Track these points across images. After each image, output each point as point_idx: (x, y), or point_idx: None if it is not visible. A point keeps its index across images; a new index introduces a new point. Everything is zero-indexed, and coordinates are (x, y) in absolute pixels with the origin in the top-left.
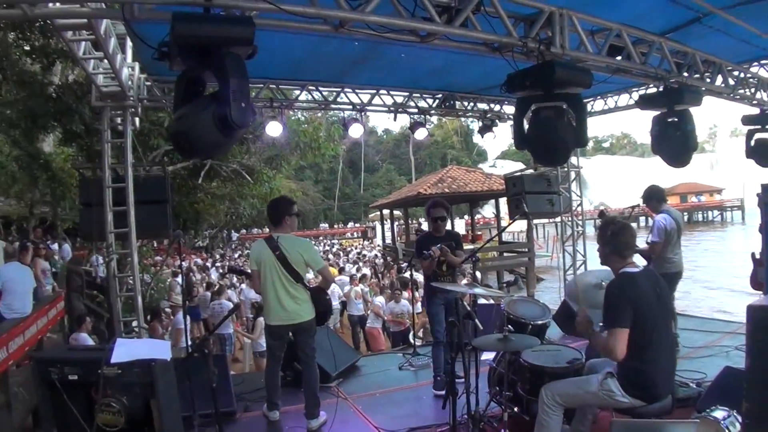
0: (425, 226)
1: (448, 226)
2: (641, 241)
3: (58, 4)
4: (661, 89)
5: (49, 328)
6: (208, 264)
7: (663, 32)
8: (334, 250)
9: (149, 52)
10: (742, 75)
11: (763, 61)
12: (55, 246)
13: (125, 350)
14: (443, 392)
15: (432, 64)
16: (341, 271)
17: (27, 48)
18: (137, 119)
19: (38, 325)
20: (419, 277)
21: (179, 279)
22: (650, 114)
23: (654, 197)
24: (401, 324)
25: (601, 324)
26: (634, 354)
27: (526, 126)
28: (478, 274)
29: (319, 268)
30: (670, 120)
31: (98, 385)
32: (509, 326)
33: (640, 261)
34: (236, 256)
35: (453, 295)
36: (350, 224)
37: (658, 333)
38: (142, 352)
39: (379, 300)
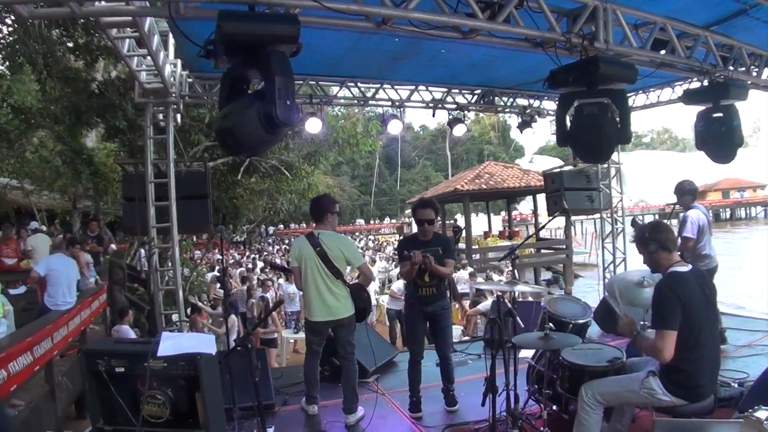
0: (461, 223)
1: (481, 223)
2: None
3: (104, 2)
4: (705, 84)
5: (92, 319)
6: (243, 260)
7: (708, 25)
8: (371, 245)
9: (192, 49)
10: None
11: None
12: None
13: (171, 344)
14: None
15: (472, 59)
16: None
17: (71, 45)
18: (179, 115)
19: (82, 317)
20: (459, 274)
21: (217, 273)
22: (692, 108)
23: (689, 193)
24: None
25: (642, 322)
26: (679, 354)
27: (568, 122)
28: (516, 272)
29: (358, 265)
30: (715, 115)
31: (144, 377)
32: (550, 324)
33: None
34: (274, 250)
35: (436, 308)
36: (386, 220)
37: (705, 333)
38: (188, 345)
39: (397, 286)
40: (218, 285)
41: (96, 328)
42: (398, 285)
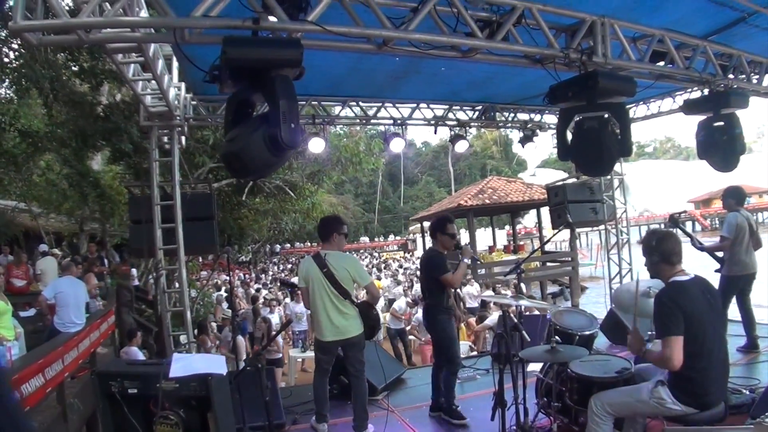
0: (463, 239)
1: (485, 238)
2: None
3: (110, 30)
4: (706, 93)
5: (101, 341)
6: (248, 280)
7: (706, 35)
8: (376, 263)
9: (195, 72)
10: None
11: None
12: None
13: (182, 365)
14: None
15: (472, 76)
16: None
17: (76, 69)
18: (183, 138)
19: (91, 339)
20: (467, 289)
21: (223, 293)
22: (695, 117)
23: (732, 196)
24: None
25: (650, 332)
26: (686, 362)
27: (569, 137)
28: (522, 285)
29: (365, 284)
30: (716, 124)
31: (157, 398)
32: (557, 337)
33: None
34: (278, 270)
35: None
36: (390, 237)
37: (710, 341)
38: (199, 366)
39: (399, 305)
40: (225, 305)
41: (105, 351)
42: (400, 304)
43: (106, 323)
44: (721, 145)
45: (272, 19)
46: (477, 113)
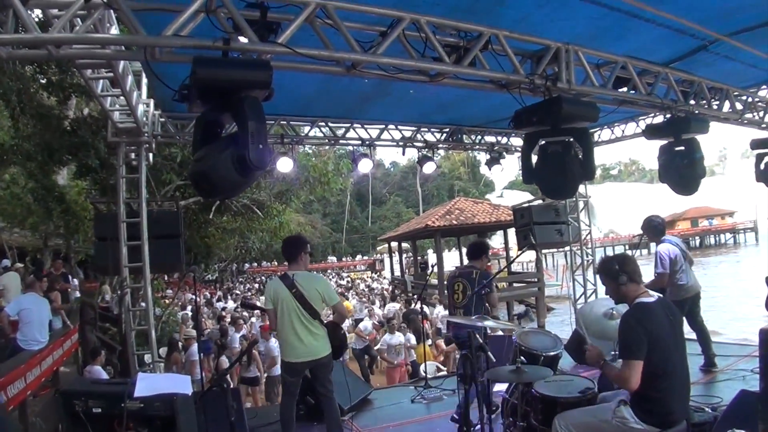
0: (431, 259)
1: (453, 258)
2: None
3: (80, 46)
4: (667, 118)
5: (64, 360)
6: (214, 299)
7: (668, 62)
8: (344, 283)
9: (164, 89)
10: (749, 99)
11: None
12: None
13: (147, 384)
14: None
15: (440, 99)
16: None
17: (44, 81)
18: (151, 155)
19: (54, 357)
20: (436, 310)
21: (189, 312)
22: (653, 140)
23: (651, 229)
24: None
25: (613, 353)
26: (648, 383)
27: (534, 161)
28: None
29: (334, 303)
30: (677, 149)
31: (121, 418)
32: (522, 358)
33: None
34: (244, 288)
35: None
36: (358, 257)
37: (673, 361)
38: (164, 386)
39: (364, 325)
40: (191, 324)
41: (68, 369)
42: (366, 324)
43: (69, 341)
44: (681, 169)
45: (243, 40)
46: (445, 135)
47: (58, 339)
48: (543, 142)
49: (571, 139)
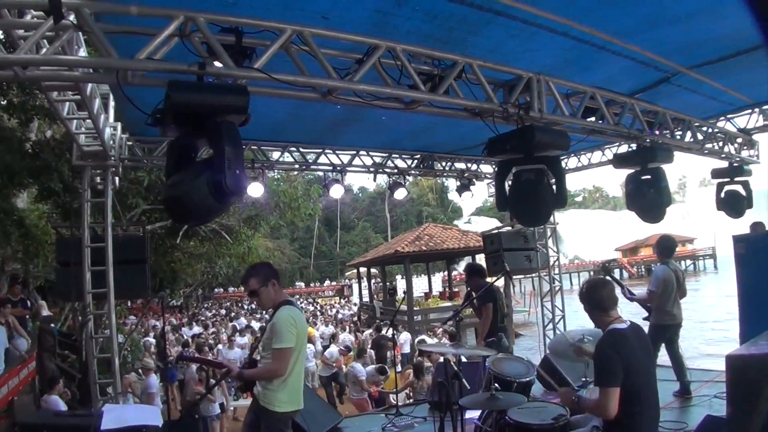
0: (399, 285)
1: (421, 284)
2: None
3: (48, 67)
4: (634, 148)
5: (20, 389)
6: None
7: (633, 93)
8: (311, 309)
9: (133, 112)
10: (709, 130)
11: (729, 116)
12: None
13: (115, 417)
14: None
15: (412, 126)
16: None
17: (4, 103)
18: (117, 178)
19: (9, 386)
20: (403, 336)
21: (152, 339)
22: (621, 168)
23: (662, 249)
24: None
25: (583, 378)
26: (621, 409)
27: (507, 188)
28: (459, 334)
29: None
30: (643, 177)
31: None
32: (496, 385)
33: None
34: (209, 314)
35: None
36: (327, 282)
37: (645, 388)
38: (133, 418)
39: (360, 368)
40: (154, 351)
41: (24, 399)
42: (332, 351)
43: (26, 369)
44: (648, 198)
45: (218, 65)
46: (416, 161)
47: (14, 368)
48: (516, 169)
49: (544, 167)
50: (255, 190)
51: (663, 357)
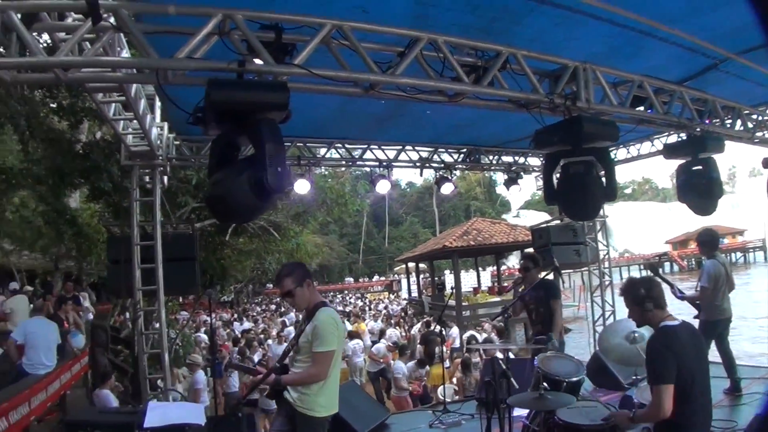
0: (448, 280)
1: (470, 279)
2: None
3: (90, 69)
4: (684, 137)
5: (73, 383)
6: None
7: (681, 80)
8: (360, 304)
9: (179, 112)
10: (760, 118)
11: None
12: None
13: (158, 414)
14: None
15: (456, 119)
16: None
17: (54, 106)
18: (165, 177)
19: (61, 381)
20: (453, 332)
21: (203, 335)
22: (671, 159)
23: (707, 242)
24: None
25: (633, 377)
26: (673, 408)
27: (555, 181)
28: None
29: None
30: (695, 168)
31: None
32: (545, 384)
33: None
34: (259, 310)
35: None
36: (375, 278)
37: (698, 386)
38: (176, 416)
39: (399, 366)
40: (203, 346)
41: (77, 393)
42: (378, 347)
43: (78, 364)
44: (700, 189)
45: (258, 62)
46: (462, 156)
47: (67, 362)
48: (564, 162)
49: (593, 159)
50: (302, 186)
51: (712, 354)
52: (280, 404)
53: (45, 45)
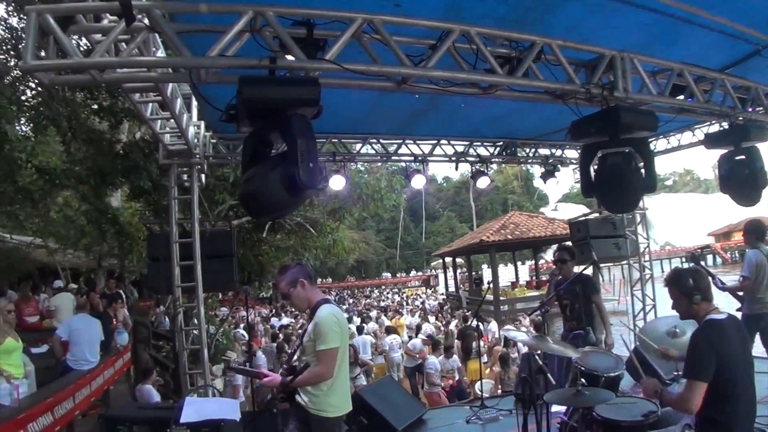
0: (485, 274)
1: (508, 273)
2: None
3: (126, 70)
4: (726, 126)
5: (116, 379)
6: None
7: (723, 68)
8: (398, 299)
9: (215, 110)
10: None
11: None
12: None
13: (194, 410)
14: None
15: (492, 112)
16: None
17: (95, 107)
18: (203, 176)
19: (105, 376)
20: (491, 326)
21: (242, 331)
22: (713, 149)
23: (753, 232)
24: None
25: (675, 372)
26: (714, 405)
27: (592, 173)
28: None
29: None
30: (738, 158)
31: None
32: (582, 380)
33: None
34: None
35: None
36: (412, 273)
37: (742, 383)
38: (212, 412)
39: (431, 362)
40: (243, 342)
41: (120, 388)
42: (414, 343)
43: (121, 360)
44: (743, 180)
45: (289, 58)
46: (498, 149)
47: (110, 358)
48: (602, 153)
49: (631, 150)
50: (337, 182)
51: (755, 348)
52: (292, 407)
53: (84, 48)
